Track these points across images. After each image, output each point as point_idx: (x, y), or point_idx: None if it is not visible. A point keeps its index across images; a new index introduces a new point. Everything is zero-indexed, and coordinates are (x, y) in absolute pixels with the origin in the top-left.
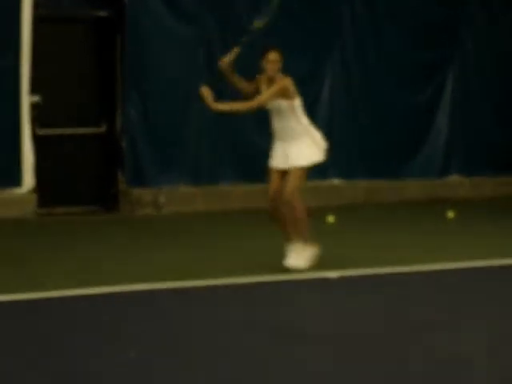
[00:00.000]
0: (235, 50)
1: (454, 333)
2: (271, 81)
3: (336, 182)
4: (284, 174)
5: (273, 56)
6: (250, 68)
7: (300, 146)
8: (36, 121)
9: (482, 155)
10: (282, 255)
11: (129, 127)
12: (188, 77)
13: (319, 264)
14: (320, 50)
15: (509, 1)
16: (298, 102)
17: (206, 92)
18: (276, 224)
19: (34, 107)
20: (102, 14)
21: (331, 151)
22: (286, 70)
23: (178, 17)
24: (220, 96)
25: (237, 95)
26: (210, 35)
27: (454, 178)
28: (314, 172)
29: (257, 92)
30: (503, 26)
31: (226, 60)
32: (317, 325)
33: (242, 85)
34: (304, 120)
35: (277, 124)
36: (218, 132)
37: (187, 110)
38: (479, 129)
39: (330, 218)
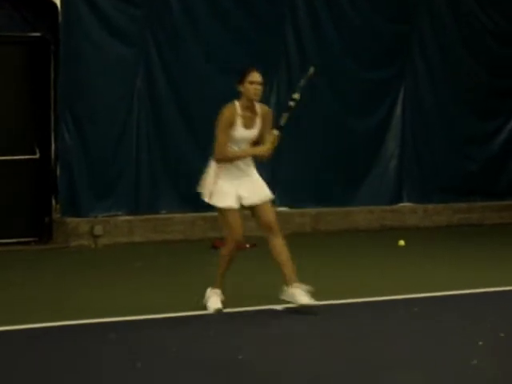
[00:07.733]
0: (284, 116)
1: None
2: (250, 108)
3: (284, 210)
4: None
5: (256, 76)
6: None
7: (257, 176)
8: None
9: (436, 181)
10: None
11: (63, 153)
12: (126, 99)
13: (266, 295)
14: (264, 73)
15: (456, 13)
16: None
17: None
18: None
19: None
20: (35, 34)
21: (278, 179)
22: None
23: (115, 36)
24: None
25: None
26: (148, 54)
27: (406, 206)
28: None
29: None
30: (455, 42)
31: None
32: (264, 359)
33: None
34: None
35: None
36: (157, 158)
37: (125, 135)
38: (432, 153)
39: None
